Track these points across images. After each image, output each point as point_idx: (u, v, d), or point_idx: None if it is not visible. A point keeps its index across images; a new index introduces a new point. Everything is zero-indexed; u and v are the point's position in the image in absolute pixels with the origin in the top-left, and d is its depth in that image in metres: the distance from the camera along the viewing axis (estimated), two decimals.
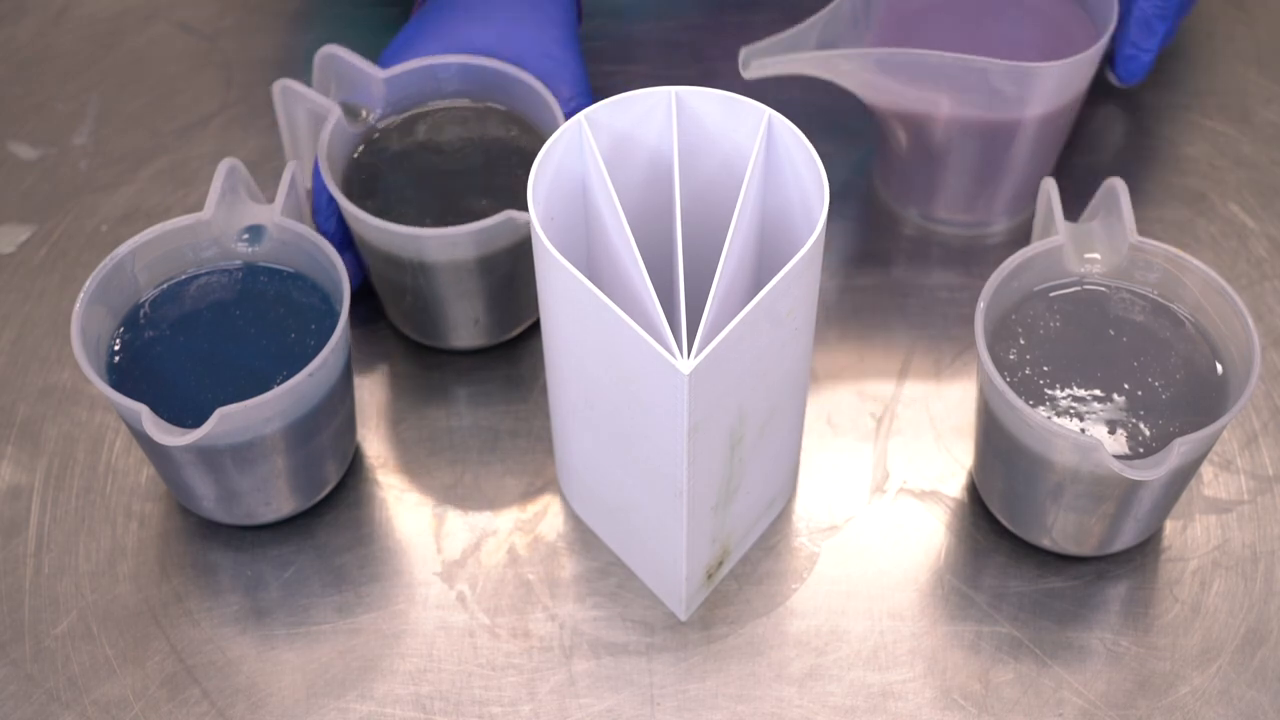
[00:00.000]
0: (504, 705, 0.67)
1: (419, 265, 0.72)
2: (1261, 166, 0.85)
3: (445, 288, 0.73)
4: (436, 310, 0.75)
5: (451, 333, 0.76)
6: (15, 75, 0.91)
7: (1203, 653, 0.68)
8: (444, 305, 0.74)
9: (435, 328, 0.76)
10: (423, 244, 0.71)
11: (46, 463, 0.74)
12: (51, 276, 0.81)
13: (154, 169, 0.86)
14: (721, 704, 0.67)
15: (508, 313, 0.76)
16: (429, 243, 0.71)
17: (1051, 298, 0.69)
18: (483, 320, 0.76)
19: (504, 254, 0.72)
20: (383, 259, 0.73)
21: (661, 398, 0.58)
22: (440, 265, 0.72)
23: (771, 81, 0.82)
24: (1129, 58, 0.81)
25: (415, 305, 0.75)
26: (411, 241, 0.71)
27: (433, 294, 0.74)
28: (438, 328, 0.76)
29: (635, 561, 0.70)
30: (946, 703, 0.67)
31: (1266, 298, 0.79)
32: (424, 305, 0.75)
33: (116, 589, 0.70)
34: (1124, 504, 0.66)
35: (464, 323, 0.76)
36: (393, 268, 0.73)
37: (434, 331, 0.77)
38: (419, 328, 0.77)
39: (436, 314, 0.75)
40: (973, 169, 0.79)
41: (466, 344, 0.77)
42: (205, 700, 0.67)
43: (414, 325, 0.77)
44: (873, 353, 0.78)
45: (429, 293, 0.74)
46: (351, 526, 0.72)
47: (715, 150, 0.64)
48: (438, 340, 0.77)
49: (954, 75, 0.73)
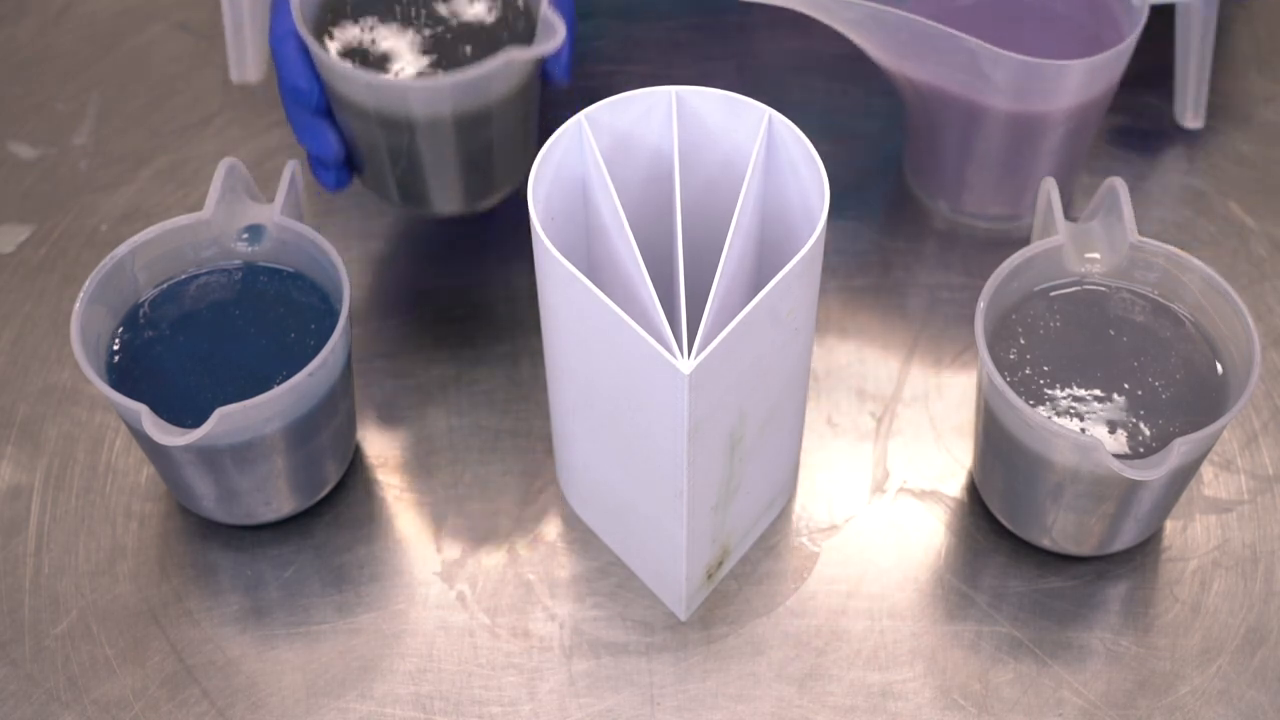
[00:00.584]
0: (504, 705, 0.67)
1: (406, 121, 0.69)
2: (1261, 166, 0.85)
3: (441, 144, 0.71)
4: (425, 171, 0.72)
5: (437, 196, 0.74)
6: (15, 75, 0.91)
7: (1203, 653, 0.68)
8: (439, 164, 0.72)
9: (419, 190, 0.74)
10: (412, 96, 0.68)
11: (46, 463, 0.74)
12: (51, 276, 0.81)
13: (154, 169, 0.86)
14: (721, 704, 0.67)
15: (501, 169, 0.74)
16: (420, 95, 0.68)
17: (1052, 297, 0.69)
18: (474, 180, 0.73)
19: (502, 103, 0.70)
20: (363, 115, 0.70)
21: (661, 398, 0.58)
22: (436, 120, 0.69)
23: (772, 81, 0.82)
24: None
25: (403, 166, 0.72)
26: (399, 94, 0.68)
27: (425, 153, 0.71)
28: (422, 191, 0.73)
29: (635, 561, 0.70)
30: (946, 703, 0.67)
31: (1266, 298, 0.79)
32: (413, 166, 0.72)
33: (116, 589, 0.70)
34: (1124, 504, 0.66)
35: (452, 184, 0.73)
36: (375, 126, 0.70)
37: (418, 195, 0.74)
38: (403, 191, 0.74)
39: (424, 175, 0.72)
40: (998, 160, 0.79)
41: (452, 208, 0.75)
42: (205, 700, 0.67)
43: (397, 189, 0.74)
44: (873, 353, 0.78)
45: (416, 151, 0.71)
46: (351, 526, 0.72)
47: (715, 150, 0.64)
48: (423, 206, 0.75)
49: (943, 50, 0.73)
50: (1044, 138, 0.77)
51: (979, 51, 0.73)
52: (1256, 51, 0.91)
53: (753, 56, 0.90)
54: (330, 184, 0.74)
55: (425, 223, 0.83)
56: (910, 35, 0.74)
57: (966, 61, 0.74)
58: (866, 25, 0.75)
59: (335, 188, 0.74)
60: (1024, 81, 0.74)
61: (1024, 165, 0.79)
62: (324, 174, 0.74)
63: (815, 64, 0.89)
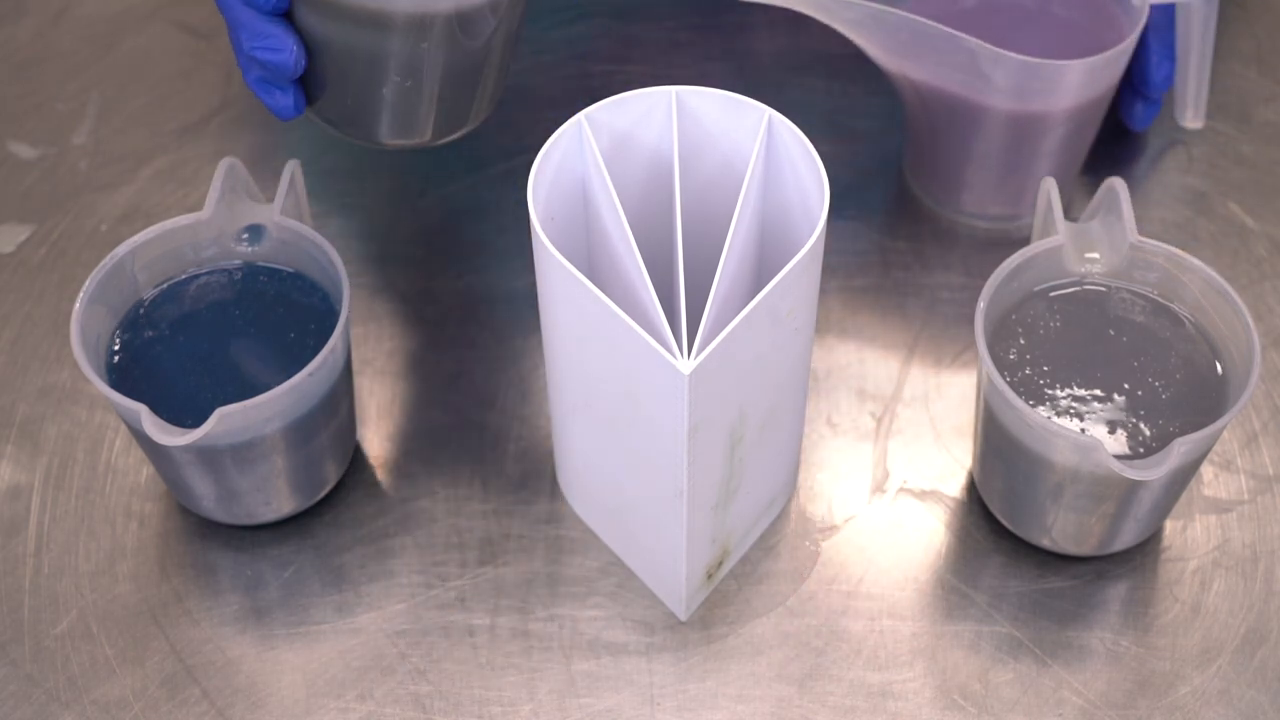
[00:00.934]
0: (504, 705, 0.67)
1: (402, 20, 0.62)
2: (1261, 166, 0.85)
3: (433, 51, 0.64)
4: (400, 89, 0.64)
5: (402, 121, 0.66)
6: (15, 75, 0.91)
7: (1203, 653, 0.68)
8: (420, 79, 0.64)
9: (382, 115, 0.66)
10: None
11: (46, 463, 0.74)
12: (51, 276, 0.81)
13: (154, 169, 0.86)
14: (721, 704, 0.67)
15: (482, 94, 0.67)
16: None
17: (1051, 298, 0.69)
18: (454, 103, 0.66)
19: (509, 6, 0.64)
20: (341, 14, 0.63)
21: (661, 398, 0.58)
22: (435, 19, 0.62)
23: (772, 81, 0.82)
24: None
25: (378, 82, 0.65)
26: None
27: (409, 63, 0.64)
28: (388, 115, 0.66)
29: (635, 561, 0.70)
30: (946, 703, 0.67)
31: (1266, 298, 0.79)
32: (389, 81, 0.64)
33: (116, 589, 0.70)
34: (1124, 504, 0.66)
35: (428, 105, 0.66)
36: (356, 27, 0.63)
37: (378, 121, 0.66)
38: (363, 117, 0.66)
39: (399, 95, 0.65)
40: (998, 160, 0.79)
41: (416, 139, 0.67)
42: (205, 700, 0.67)
43: (358, 113, 0.66)
44: (873, 353, 0.78)
45: (403, 61, 0.64)
46: (351, 526, 0.72)
47: (715, 150, 0.64)
48: (380, 134, 0.67)
49: (943, 50, 0.73)
50: (1044, 138, 0.77)
51: (979, 51, 0.73)
52: (1256, 51, 0.91)
53: (753, 56, 0.90)
54: (288, 108, 0.67)
55: (426, 222, 0.83)
56: (910, 35, 0.74)
57: (966, 61, 0.74)
58: (866, 25, 0.75)
59: (293, 113, 0.67)
60: (1024, 81, 0.74)
61: (1024, 165, 0.79)
62: (280, 95, 0.66)
63: (815, 64, 0.89)
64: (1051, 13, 0.80)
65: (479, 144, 0.85)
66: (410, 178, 0.85)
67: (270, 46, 0.64)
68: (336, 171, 0.84)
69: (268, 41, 0.64)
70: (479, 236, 0.83)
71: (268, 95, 0.66)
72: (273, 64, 0.64)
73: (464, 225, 0.83)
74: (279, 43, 0.64)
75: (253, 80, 0.66)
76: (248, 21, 0.64)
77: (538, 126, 0.64)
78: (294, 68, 0.65)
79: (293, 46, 0.64)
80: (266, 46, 0.64)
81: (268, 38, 0.64)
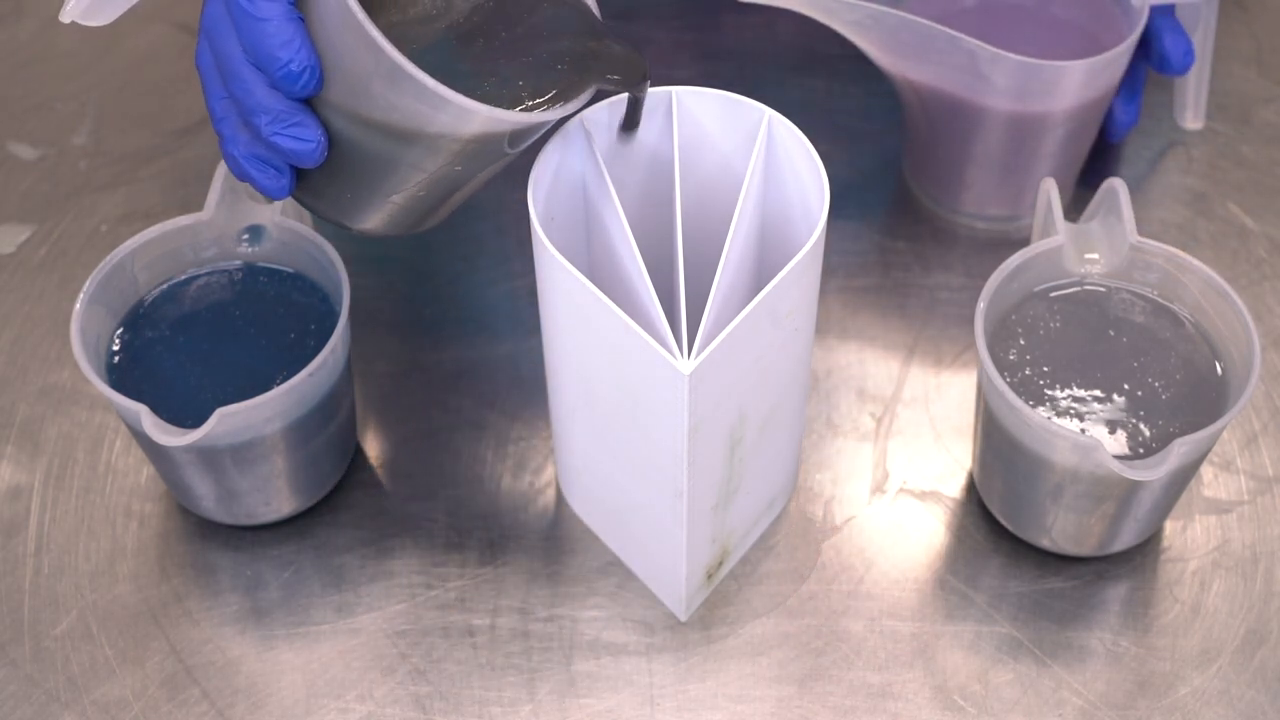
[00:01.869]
0: (504, 705, 0.67)
1: (450, 145, 0.57)
2: (1261, 166, 0.85)
3: (453, 170, 0.59)
4: (409, 193, 0.60)
5: (375, 216, 0.61)
6: (15, 75, 0.91)
7: (1203, 653, 0.68)
8: (425, 187, 0.60)
9: (362, 208, 0.61)
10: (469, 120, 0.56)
11: (46, 463, 0.74)
12: (51, 276, 0.81)
13: (154, 169, 0.86)
14: (721, 704, 0.67)
15: (450, 205, 0.63)
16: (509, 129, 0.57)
17: (1051, 298, 0.69)
18: (420, 208, 0.62)
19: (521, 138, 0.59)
20: (384, 126, 0.57)
21: (661, 398, 0.58)
22: (473, 148, 0.58)
23: (772, 81, 0.82)
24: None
25: (389, 185, 0.60)
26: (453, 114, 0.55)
27: (428, 176, 0.59)
28: (366, 209, 0.61)
29: (635, 561, 0.70)
30: (946, 703, 0.67)
31: (1266, 298, 0.79)
32: (402, 186, 0.60)
33: (116, 589, 0.70)
34: (1124, 504, 0.66)
35: (406, 205, 0.61)
36: (391, 140, 0.58)
37: (355, 212, 0.61)
38: (348, 208, 0.61)
39: (406, 196, 0.60)
40: (998, 161, 0.79)
41: (384, 230, 0.62)
42: (205, 700, 0.67)
43: (342, 205, 0.61)
44: (873, 353, 0.78)
45: (425, 174, 0.59)
46: (351, 526, 0.72)
47: (715, 150, 0.64)
48: (351, 222, 0.62)
49: (943, 51, 0.73)
50: (1044, 138, 0.77)
51: (978, 52, 0.73)
52: (1256, 51, 0.91)
53: (753, 56, 0.90)
54: (283, 189, 0.60)
55: None
56: (910, 36, 0.74)
57: (966, 62, 0.74)
58: (866, 26, 0.75)
59: (285, 195, 0.61)
60: (1023, 82, 0.74)
61: (1024, 166, 0.79)
62: (277, 176, 0.60)
63: (815, 64, 0.89)
64: (1051, 13, 0.80)
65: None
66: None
67: (296, 135, 0.58)
68: None
69: (294, 130, 0.58)
70: (479, 236, 0.83)
71: (261, 174, 0.60)
72: (294, 152, 0.58)
73: (464, 225, 0.83)
74: (306, 132, 0.58)
75: (246, 156, 0.59)
76: (269, 104, 0.58)
77: None
78: (317, 159, 0.58)
79: (320, 137, 0.58)
80: (292, 135, 0.58)
81: (294, 125, 0.58)
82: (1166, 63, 0.80)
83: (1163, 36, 0.79)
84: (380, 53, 0.54)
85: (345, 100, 0.57)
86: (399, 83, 0.55)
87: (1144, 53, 0.80)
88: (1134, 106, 0.83)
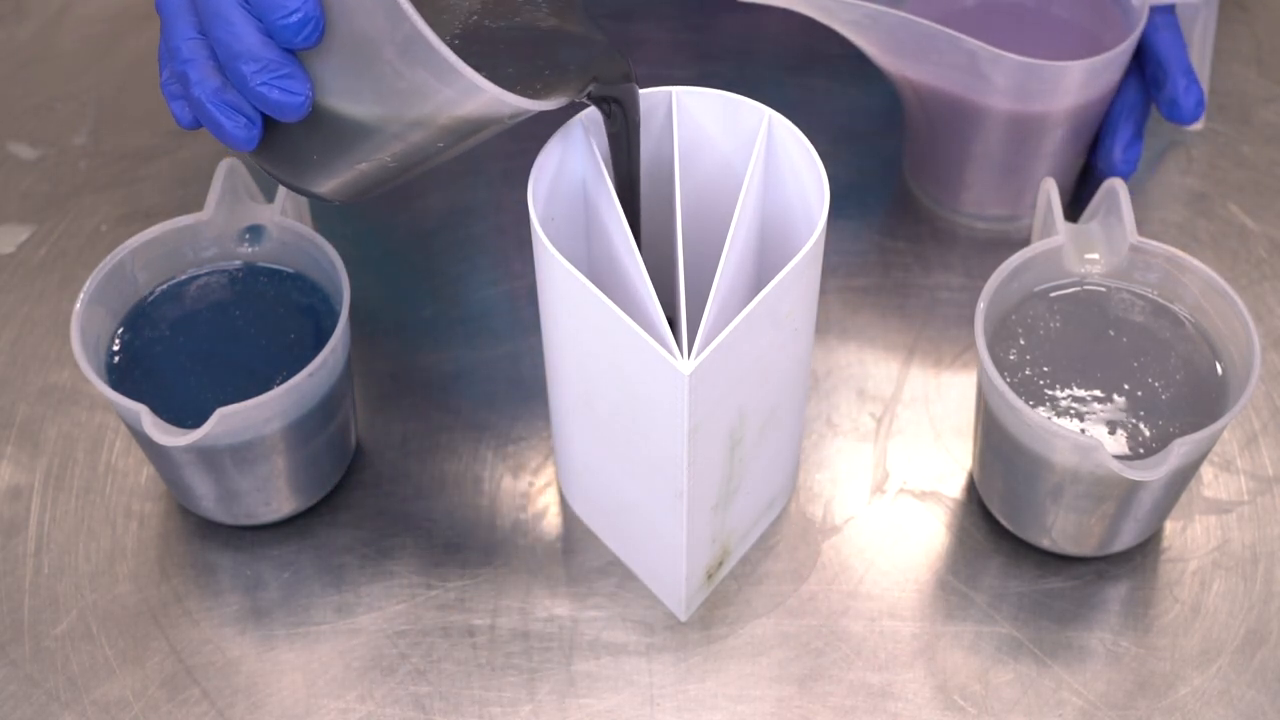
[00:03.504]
0: (504, 705, 0.67)
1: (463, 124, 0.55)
2: (1261, 166, 0.85)
3: (443, 147, 0.57)
4: (382, 165, 0.58)
5: (340, 182, 0.59)
6: (15, 75, 0.91)
7: (1203, 653, 0.68)
8: (398, 161, 0.58)
9: (326, 173, 0.59)
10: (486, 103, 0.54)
11: (46, 463, 0.74)
12: (51, 276, 0.81)
13: (154, 169, 0.86)
14: (721, 704, 0.67)
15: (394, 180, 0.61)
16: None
17: (1051, 298, 0.69)
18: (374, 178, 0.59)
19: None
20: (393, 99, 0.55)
21: (661, 398, 0.58)
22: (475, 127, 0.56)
23: (772, 81, 0.82)
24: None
25: (369, 156, 0.57)
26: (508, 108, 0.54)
27: (417, 151, 0.57)
28: (329, 174, 0.59)
29: (635, 561, 0.70)
30: (946, 703, 0.67)
31: (1266, 298, 0.79)
32: (379, 157, 0.57)
33: (116, 589, 0.70)
34: (1124, 504, 0.66)
35: (368, 174, 0.59)
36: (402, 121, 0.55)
37: (317, 175, 0.59)
38: (309, 169, 0.59)
39: (377, 167, 0.58)
40: (998, 161, 0.79)
41: (335, 195, 0.60)
42: (205, 700, 0.67)
43: (307, 166, 0.59)
44: (873, 353, 0.78)
45: (414, 148, 0.57)
46: (351, 526, 0.72)
47: (715, 150, 0.64)
48: (307, 186, 0.60)
49: (943, 51, 0.73)
50: (1044, 138, 0.77)
51: (978, 52, 0.73)
52: (1256, 52, 0.91)
53: (753, 56, 0.90)
54: (250, 140, 0.57)
55: (426, 222, 0.83)
56: (910, 36, 0.74)
57: (966, 62, 0.74)
58: (866, 26, 0.75)
59: (249, 147, 0.57)
60: (1024, 82, 0.74)
61: (1024, 166, 0.79)
62: (247, 125, 0.56)
63: (815, 64, 0.89)
64: (1052, 13, 0.80)
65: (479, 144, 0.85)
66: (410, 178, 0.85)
67: (284, 87, 0.54)
68: None
69: (283, 81, 0.54)
70: (479, 236, 0.83)
71: (231, 120, 0.56)
72: (279, 105, 0.55)
73: (464, 225, 0.83)
74: (296, 85, 0.54)
75: (215, 100, 0.56)
76: (259, 52, 0.54)
77: (538, 126, 0.64)
78: (301, 115, 0.55)
79: (308, 91, 0.55)
80: (281, 86, 0.54)
81: (283, 76, 0.54)
82: (1177, 109, 0.78)
83: (1176, 80, 0.78)
84: (402, 19, 0.51)
85: (342, 60, 0.54)
86: (413, 52, 0.52)
87: (1152, 94, 0.80)
88: (1135, 150, 0.80)
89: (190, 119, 0.58)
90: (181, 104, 0.58)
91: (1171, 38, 0.79)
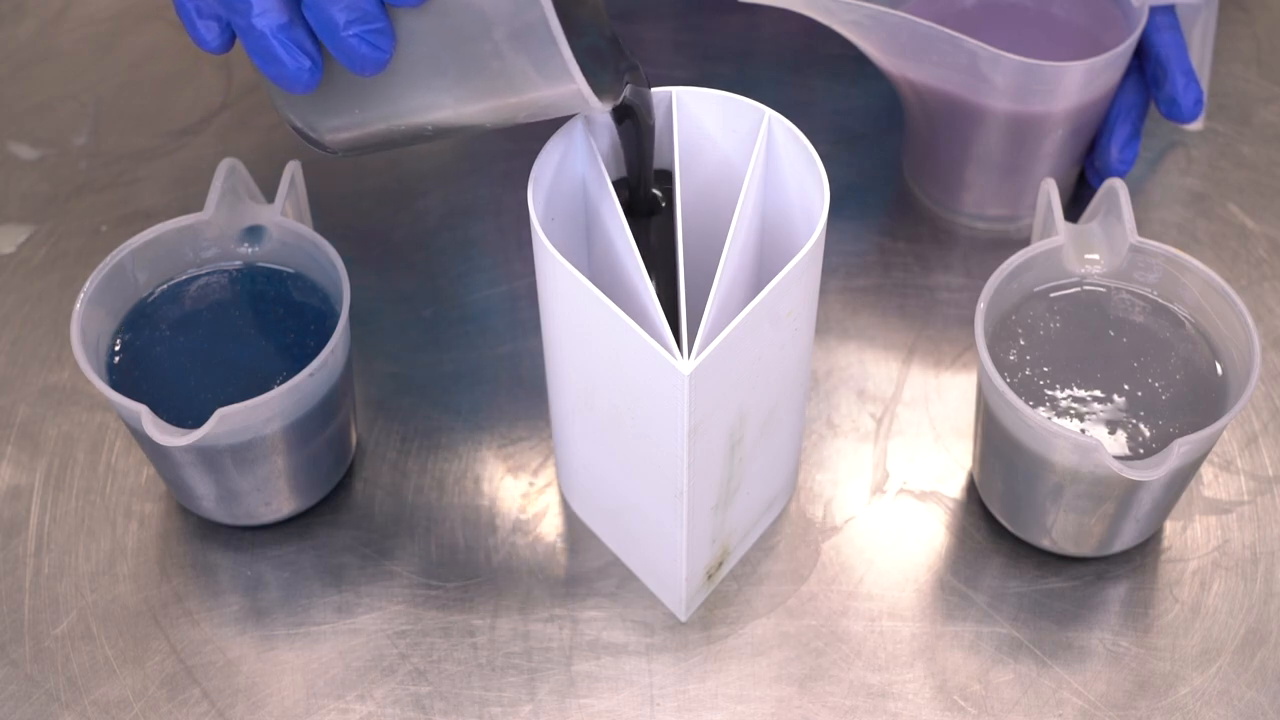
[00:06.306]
0: (504, 705, 0.67)
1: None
2: (1261, 167, 0.85)
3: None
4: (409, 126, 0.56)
5: (349, 133, 0.58)
6: (15, 75, 0.91)
7: (1203, 653, 0.68)
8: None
9: (339, 122, 0.57)
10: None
11: (46, 463, 0.74)
12: (51, 276, 0.81)
13: (154, 169, 0.86)
14: (721, 704, 0.67)
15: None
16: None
17: (1051, 298, 0.69)
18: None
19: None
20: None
21: (661, 398, 0.58)
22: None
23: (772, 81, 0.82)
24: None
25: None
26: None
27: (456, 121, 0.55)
28: (342, 123, 0.57)
29: (635, 561, 0.70)
30: (946, 703, 0.67)
31: (1266, 298, 0.79)
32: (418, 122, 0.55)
33: (116, 589, 0.70)
34: (1124, 504, 0.66)
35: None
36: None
37: (330, 124, 0.57)
38: (326, 119, 0.57)
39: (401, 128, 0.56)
40: (998, 161, 0.79)
41: (351, 148, 0.59)
42: (205, 700, 0.67)
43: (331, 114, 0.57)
44: (873, 353, 0.78)
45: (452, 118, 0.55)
46: (351, 526, 0.72)
47: (715, 150, 0.64)
48: (336, 134, 0.58)
49: (943, 51, 0.73)
50: (1043, 139, 0.77)
51: (978, 53, 0.73)
52: (1256, 52, 0.91)
53: (753, 56, 0.91)
54: (307, 83, 0.54)
55: (425, 222, 0.83)
56: (910, 36, 0.74)
57: (966, 63, 0.74)
58: (866, 26, 0.75)
59: (305, 90, 0.54)
60: (1023, 83, 0.74)
61: (1023, 166, 0.79)
62: (312, 68, 0.53)
63: (815, 64, 0.89)
64: (1051, 14, 0.80)
65: (479, 144, 0.85)
66: (410, 178, 0.85)
67: (374, 41, 0.51)
68: (336, 171, 0.84)
69: (374, 35, 0.51)
70: (479, 236, 0.83)
71: (293, 57, 0.52)
72: (363, 58, 0.52)
73: (464, 225, 0.83)
74: (384, 41, 0.51)
75: (278, 33, 0.52)
76: (357, 1, 0.51)
77: (538, 127, 0.64)
78: (376, 72, 0.52)
79: (392, 48, 0.52)
80: (370, 39, 0.51)
81: (375, 30, 0.51)
82: (1176, 108, 0.78)
83: (1175, 79, 0.78)
84: (531, 5, 0.49)
85: (440, 27, 0.51)
86: (527, 40, 0.50)
87: (1151, 93, 0.80)
88: (1132, 150, 0.80)
89: (220, 41, 0.54)
90: (213, 24, 0.54)
91: (1171, 38, 0.79)
